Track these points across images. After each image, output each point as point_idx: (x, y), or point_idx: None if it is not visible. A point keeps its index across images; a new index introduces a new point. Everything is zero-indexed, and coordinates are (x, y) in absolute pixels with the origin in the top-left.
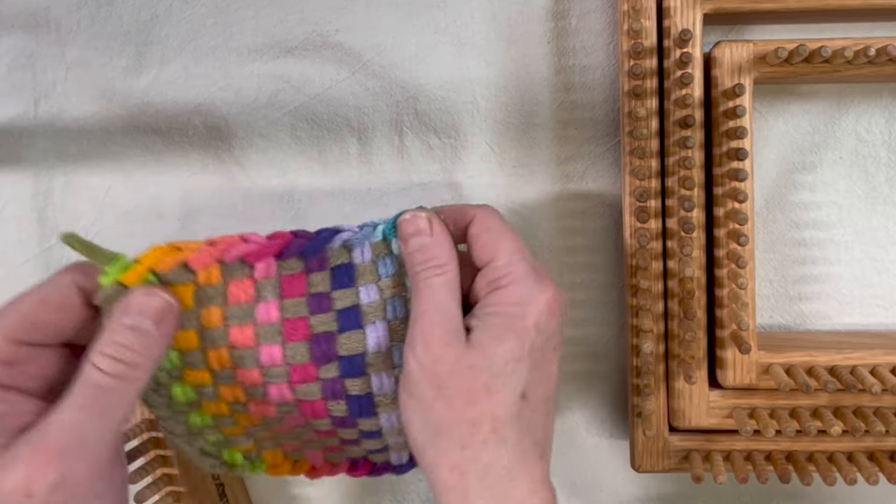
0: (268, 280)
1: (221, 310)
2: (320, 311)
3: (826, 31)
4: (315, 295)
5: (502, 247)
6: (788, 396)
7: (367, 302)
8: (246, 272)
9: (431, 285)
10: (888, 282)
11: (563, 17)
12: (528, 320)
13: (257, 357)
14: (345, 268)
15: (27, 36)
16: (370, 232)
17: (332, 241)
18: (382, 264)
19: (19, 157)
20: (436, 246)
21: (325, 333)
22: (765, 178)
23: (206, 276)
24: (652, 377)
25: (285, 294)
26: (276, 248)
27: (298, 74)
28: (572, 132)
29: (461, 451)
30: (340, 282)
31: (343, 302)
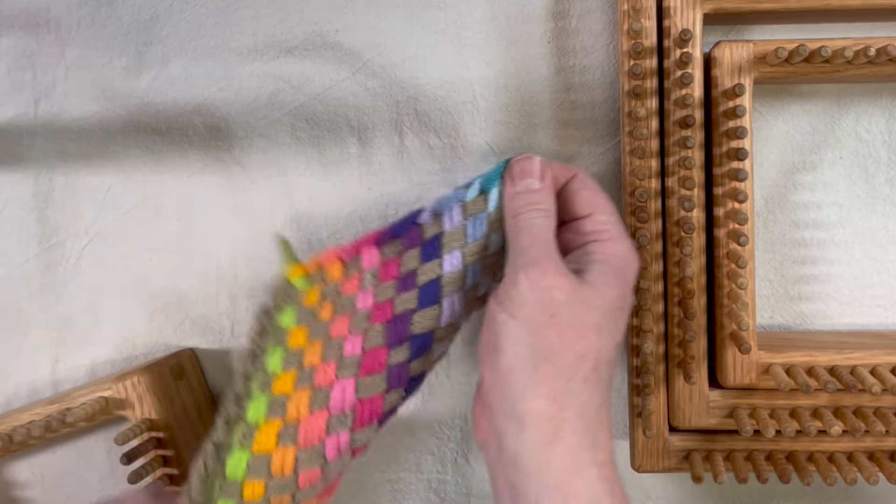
0: (371, 269)
1: (333, 304)
2: (405, 290)
3: (826, 31)
4: (405, 274)
5: (603, 203)
6: (788, 396)
7: (449, 271)
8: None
9: (537, 224)
10: (888, 282)
11: (563, 17)
12: (630, 276)
13: (342, 347)
14: (435, 239)
15: (27, 36)
16: (464, 191)
17: (422, 214)
18: (472, 225)
19: (19, 157)
20: (543, 192)
21: (404, 313)
22: (765, 178)
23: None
24: (652, 377)
25: (381, 278)
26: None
27: (298, 74)
28: (572, 132)
29: (566, 383)
30: (428, 255)
31: (426, 276)
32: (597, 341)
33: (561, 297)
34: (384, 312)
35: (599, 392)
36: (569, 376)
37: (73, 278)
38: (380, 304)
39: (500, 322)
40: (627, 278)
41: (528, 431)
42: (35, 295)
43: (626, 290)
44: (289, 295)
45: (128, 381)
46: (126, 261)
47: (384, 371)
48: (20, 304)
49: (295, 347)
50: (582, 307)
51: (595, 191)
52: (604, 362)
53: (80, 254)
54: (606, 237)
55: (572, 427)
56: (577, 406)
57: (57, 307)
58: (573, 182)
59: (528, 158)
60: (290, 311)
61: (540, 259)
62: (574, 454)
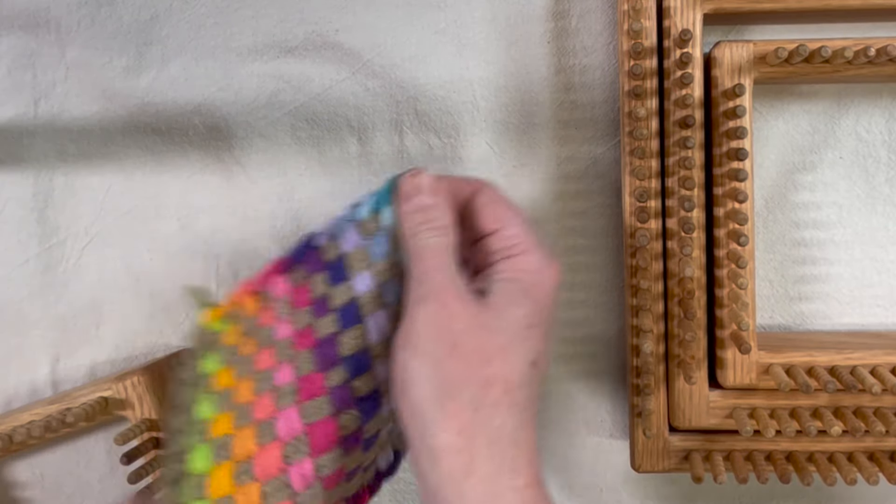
0: (281, 298)
1: (255, 338)
2: (322, 315)
3: (826, 31)
4: (317, 300)
5: (511, 217)
6: (788, 396)
7: (364, 292)
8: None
9: (432, 244)
10: (888, 282)
11: (563, 17)
12: (541, 291)
13: (272, 378)
14: (337, 261)
15: (27, 36)
16: (354, 212)
17: (318, 237)
18: (374, 244)
19: (19, 157)
20: (438, 208)
21: (328, 336)
22: (765, 178)
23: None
24: (652, 377)
25: (294, 305)
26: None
27: (298, 74)
28: (572, 132)
29: (473, 412)
30: (335, 277)
31: (340, 299)
32: (504, 365)
33: (460, 326)
34: (307, 338)
35: (514, 414)
36: (476, 405)
37: (73, 278)
38: (300, 331)
39: (402, 362)
40: (538, 293)
41: (442, 466)
42: (35, 295)
43: (537, 306)
44: (207, 341)
45: (128, 381)
46: (126, 261)
47: (326, 394)
48: (20, 304)
49: (223, 388)
50: (484, 333)
51: (501, 203)
52: (516, 385)
53: (80, 254)
54: (515, 252)
55: (485, 456)
56: (489, 433)
57: (57, 307)
58: (479, 196)
59: (417, 174)
60: (212, 356)
61: (436, 288)
62: (490, 483)
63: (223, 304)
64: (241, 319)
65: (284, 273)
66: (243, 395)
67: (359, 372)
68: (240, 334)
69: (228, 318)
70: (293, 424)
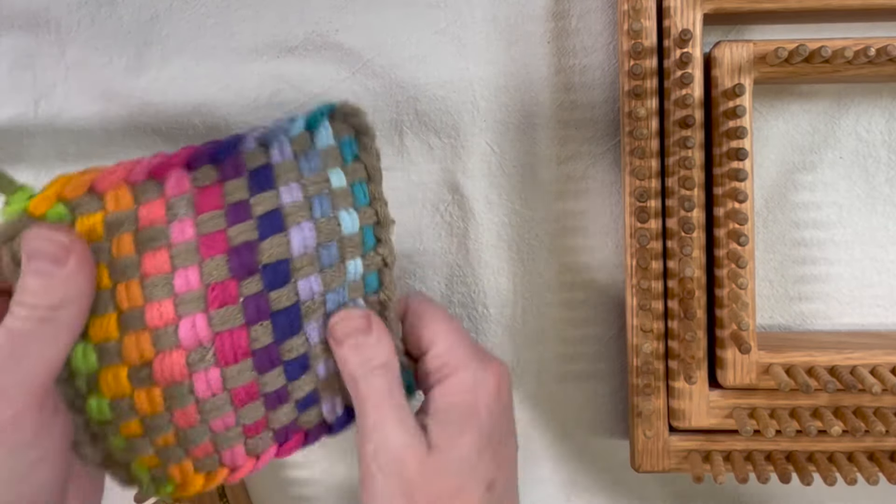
0: (181, 196)
1: (132, 235)
2: (239, 221)
3: (826, 31)
4: (233, 205)
5: (438, 334)
6: (788, 396)
7: (290, 202)
8: (157, 191)
9: (375, 387)
10: (888, 282)
11: (563, 17)
12: (481, 408)
13: (171, 284)
14: (263, 169)
15: (27, 36)
16: (288, 125)
17: (245, 141)
18: (305, 159)
19: (19, 157)
20: (375, 345)
21: (245, 244)
22: (765, 178)
23: (114, 200)
24: (652, 377)
25: (201, 208)
26: (184, 158)
27: (298, 74)
28: (572, 132)
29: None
30: (259, 185)
31: (263, 206)
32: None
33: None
34: (216, 244)
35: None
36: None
37: None
38: (207, 235)
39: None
40: (479, 412)
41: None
42: None
43: (480, 427)
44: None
45: None
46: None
47: (238, 303)
48: None
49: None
50: (436, 479)
51: (427, 318)
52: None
53: None
54: (448, 371)
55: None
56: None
57: None
58: (405, 318)
59: (347, 315)
60: None
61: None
62: None
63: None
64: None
65: (190, 168)
66: (128, 300)
67: (277, 284)
68: (104, 229)
69: (75, 206)
70: (199, 333)
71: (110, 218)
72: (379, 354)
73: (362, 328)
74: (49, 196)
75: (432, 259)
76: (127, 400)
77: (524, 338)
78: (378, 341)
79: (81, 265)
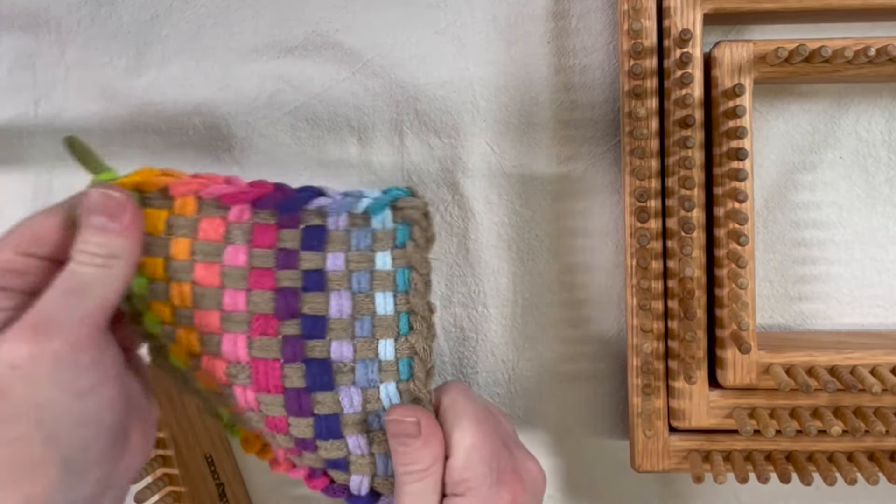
0: (240, 224)
1: (190, 242)
2: (287, 267)
3: (826, 31)
4: (283, 250)
5: (461, 443)
6: (788, 396)
7: (333, 269)
8: (220, 212)
9: (412, 491)
10: (888, 282)
11: (563, 17)
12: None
13: (220, 299)
14: (316, 230)
15: (27, 36)
16: (353, 202)
17: (311, 202)
18: (356, 236)
19: (19, 157)
20: (422, 449)
21: (290, 289)
22: (765, 178)
23: (181, 205)
24: (652, 377)
25: (255, 242)
26: (253, 195)
27: (298, 74)
28: (572, 132)
29: None
30: (310, 243)
31: (309, 263)
32: None
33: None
34: (265, 279)
35: None
36: None
37: None
38: (258, 269)
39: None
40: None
41: None
42: None
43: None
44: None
45: None
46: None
47: (278, 337)
48: None
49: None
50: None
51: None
52: None
53: None
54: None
55: None
56: None
57: None
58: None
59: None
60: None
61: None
62: None
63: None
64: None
65: (255, 207)
66: (180, 298)
67: (314, 335)
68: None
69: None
70: (239, 350)
71: (173, 219)
72: (423, 459)
73: (411, 433)
74: (128, 183)
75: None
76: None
77: (524, 338)
78: (424, 446)
79: (133, 223)
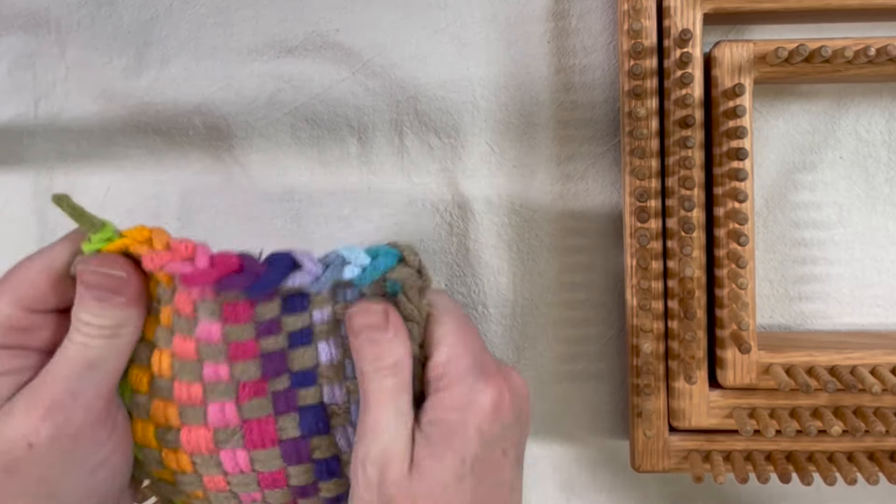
0: (205, 302)
1: (170, 312)
2: (269, 334)
3: (826, 31)
4: (264, 322)
5: (444, 339)
6: (788, 396)
7: (319, 322)
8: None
9: (383, 386)
10: (888, 282)
11: (563, 17)
12: (469, 428)
13: (199, 372)
14: (298, 297)
15: (27, 36)
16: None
17: (285, 281)
18: (343, 294)
19: (19, 157)
20: (393, 339)
21: (276, 352)
22: (765, 178)
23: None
24: (652, 377)
25: (228, 320)
26: (213, 277)
27: (298, 74)
28: (572, 132)
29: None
30: (292, 308)
31: (294, 325)
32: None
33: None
34: (246, 351)
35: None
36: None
37: None
38: (236, 343)
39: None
40: (465, 435)
41: None
42: None
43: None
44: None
45: None
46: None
47: (267, 396)
48: None
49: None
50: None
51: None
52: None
53: None
54: (443, 384)
55: None
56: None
57: None
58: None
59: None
60: None
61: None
62: None
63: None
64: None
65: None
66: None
67: (304, 384)
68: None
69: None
70: (227, 417)
71: (159, 287)
72: (394, 351)
73: (380, 324)
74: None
75: (432, 259)
76: (155, 453)
77: (524, 338)
78: (394, 339)
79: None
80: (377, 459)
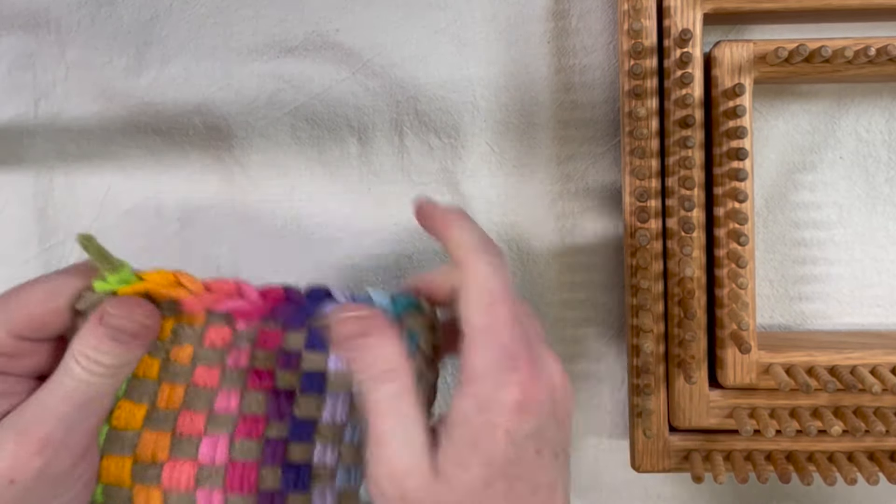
0: (247, 330)
1: (192, 349)
2: (287, 368)
3: (826, 31)
4: (286, 351)
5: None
6: (788, 396)
7: (334, 370)
8: (227, 322)
9: (381, 393)
10: (888, 282)
11: (563, 17)
12: (498, 430)
13: (211, 401)
14: (320, 333)
15: (27, 36)
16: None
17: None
18: None
19: (19, 157)
20: (378, 347)
21: (287, 390)
22: (765, 178)
23: (190, 317)
24: (652, 377)
25: (258, 344)
26: (264, 311)
27: (298, 74)
28: (572, 132)
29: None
30: (314, 343)
31: (311, 364)
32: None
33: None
34: (263, 380)
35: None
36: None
37: None
38: (259, 371)
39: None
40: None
41: None
42: None
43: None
44: None
45: None
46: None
47: (261, 440)
48: None
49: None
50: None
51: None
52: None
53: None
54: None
55: None
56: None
57: None
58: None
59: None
60: None
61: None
62: None
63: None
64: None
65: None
66: (167, 401)
67: (299, 438)
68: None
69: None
70: (217, 453)
71: (179, 328)
72: (386, 355)
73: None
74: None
75: (432, 259)
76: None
77: None
78: (381, 342)
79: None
80: (389, 473)
